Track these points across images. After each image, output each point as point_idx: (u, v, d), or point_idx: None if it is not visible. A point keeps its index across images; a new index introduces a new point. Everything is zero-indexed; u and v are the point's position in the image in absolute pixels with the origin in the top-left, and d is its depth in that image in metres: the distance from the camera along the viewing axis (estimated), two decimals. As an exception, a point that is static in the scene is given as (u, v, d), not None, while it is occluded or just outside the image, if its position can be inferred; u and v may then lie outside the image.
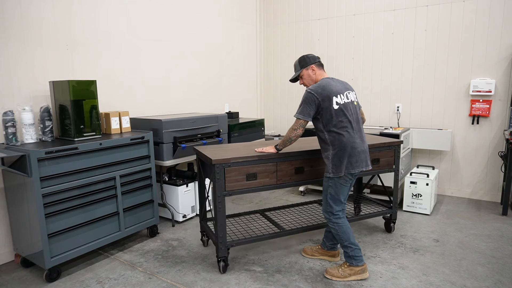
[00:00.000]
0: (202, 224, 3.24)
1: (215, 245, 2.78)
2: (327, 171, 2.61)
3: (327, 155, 2.61)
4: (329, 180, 2.62)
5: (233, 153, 2.79)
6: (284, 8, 5.68)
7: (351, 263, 2.69)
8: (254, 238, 2.90)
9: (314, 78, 2.70)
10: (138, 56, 4.01)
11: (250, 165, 2.72)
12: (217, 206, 2.66)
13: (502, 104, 4.27)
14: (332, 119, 2.53)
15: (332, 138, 2.55)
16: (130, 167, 3.19)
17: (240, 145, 3.23)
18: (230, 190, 2.69)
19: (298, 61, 2.74)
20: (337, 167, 2.55)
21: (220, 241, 2.72)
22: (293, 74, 2.81)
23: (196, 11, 4.71)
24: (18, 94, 3.03)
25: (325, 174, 2.65)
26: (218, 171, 2.61)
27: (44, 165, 2.58)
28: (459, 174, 4.64)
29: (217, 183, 2.62)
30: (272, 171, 2.81)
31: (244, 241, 2.86)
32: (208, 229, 3.07)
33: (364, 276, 2.69)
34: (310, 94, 2.54)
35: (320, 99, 2.52)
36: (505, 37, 4.15)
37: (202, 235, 3.30)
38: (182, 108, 4.64)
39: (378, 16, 4.87)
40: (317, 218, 3.51)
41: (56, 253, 2.71)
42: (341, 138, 2.53)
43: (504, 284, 2.61)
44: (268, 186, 2.83)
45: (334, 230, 2.69)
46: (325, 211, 2.71)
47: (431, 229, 3.61)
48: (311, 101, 2.53)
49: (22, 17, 3.01)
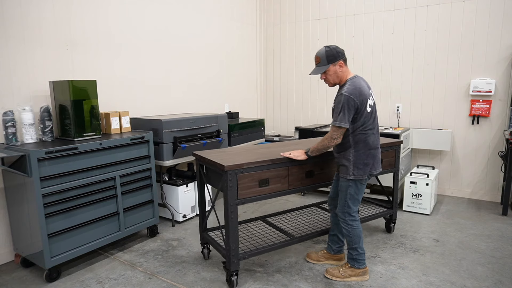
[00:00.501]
0: (204, 236, 2.98)
1: (226, 258, 2.58)
2: (348, 173, 2.52)
3: (346, 156, 2.52)
4: (349, 181, 2.54)
5: (242, 158, 2.61)
6: (284, 8, 5.68)
7: (353, 265, 2.69)
8: (267, 248, 2.73)
9: (340, 76, 2.48)
10: (138, 56, 4.01)
11: (262, 171, 2.55)
12: (229, 216, 2.45)
13: (502, 104, 4.27)
14: (363, 122, 2.45)
15: (356, 140, 2.47)
16: (130, 167, 3.19)
17: (243, 148, 3.08)
18: (243, 198, 2.49)
19: (325, 53, 2.43)
20: (359, 169, 2.50)
21: (233, 253, 2.51)
22: (316, 67, 2.50)
23: (196, 11, 4.71)
24: (18, 94, 3.03)
25: (345, 176, 2.54)
26: (231, 178, 2.41)
27: (44, 165, 2.58)
28: (459, 174, 4.64)
29: (229, 191, 2.42)
30: (284, 175, 2.67)
31: (257, 252, 2.68)
32: (213, 241, 2.86)
33: (364, 278, 2.69)
34: (350, 99, 2.36)
35: (359, 104, 2.39)
36: (505, 37, 4.15)
37: (202, 247, 3.05)
38: (182, 108, 4.64)
39: (378, 16, 4.87)
40: (323, 222, 3.49)
41: (56, 253, 2.71)
42: (367, 140, 2.48)
43: (504, 284, 2.61)
44: (280, 192, 2.68)
45: (347, 231, 2.63)
46: (341, 211, 2.63)
47: (431, 229, 3.61)
48: (351, 106, 2.37)
49: (22, 17, 3.01)
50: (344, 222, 2.64)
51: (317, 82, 5.49)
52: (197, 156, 2.86)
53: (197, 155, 2.85)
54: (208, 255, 3.07)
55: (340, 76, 2.48)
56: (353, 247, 2.66)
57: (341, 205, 2.64)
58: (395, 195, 3.49)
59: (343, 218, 2.64)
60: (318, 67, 2.48)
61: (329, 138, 2.47)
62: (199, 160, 2.85)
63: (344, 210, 2.62)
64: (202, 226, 3.02)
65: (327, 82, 2.54)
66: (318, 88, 5.52)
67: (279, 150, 2.92)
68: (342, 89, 2.45)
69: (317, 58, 2.48)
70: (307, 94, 5.64)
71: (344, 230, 2.66)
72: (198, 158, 2.83)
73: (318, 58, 2.47)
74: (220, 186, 2.54)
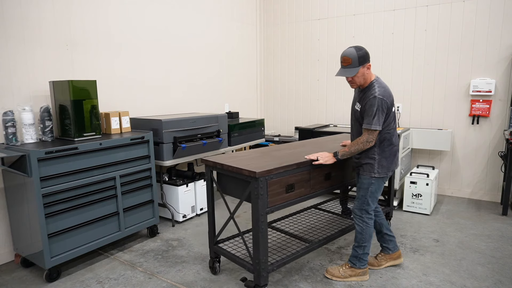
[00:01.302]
0: (216, 249, 2.74)
1: (253, 271, 2.40)
2: (372, 171, 2.54)
3: (370, 155, 2.54)
4: (372, 179, 2.56)
5: (263, 162, 2.44)
6: (284, 8, 5.68)
7: (355, 264, 2.68)
8: (291, 257, 2.60)
9: (366, 78, 2.47)
10: (138, 56, 4.01)
11: (289, 175, 2.43)
12: (260, 226, 2.28)
13: (502, 104, 4.27)
14: (389, 122, 2.50)
15: (382, 139, 2.51)
16: (130, 167, 3.19)
17: (252, 152, 2.89)
18: (272, 206, 2.34)
19: (356, 55, 2.38)
20: (383, 167, 2.54)
21: (263, 267, 2.36)
22: (345, 69, 2.43)
23: (196, 11, 4.71)
24: (18, 94, 3.03)
25: (369, 174, 2.56)
26: (262, 185, 2.25)
27: (44, 165, 2.58)
28: (459, 174, 4.64)
29: (260, 199, 2.25)
30: (307, 179, 2.57)
31: (283, 262, 2.54)
32: (229, 254, 2.65)
33: (364, 279, 2.69)
34: (384, 101, 2.39)
35: (389, 105, 2.44)
36: (505, 37, 4.15)
37: (212, 262, 2.78)
38: (182, 108, 4.64)
39: (378, 16, 4.87)
40: (328, 223, 3.50)
41: (56, 253, 2.71)
42: (391, 139, 2.54)
43: (504, 284, 2.61)
44: (304, 197, 2.57)
45: (361, 228, 2.63)
46: (359, 209, 2.62)
47: (431, 229, 3.61)
48: (385, 108, 2.40)
49: (22, 17, 3.01)
50: (360, 219, 2.63)
51: (317, 82, 5.50)
52: (209, 163, 2.59)
53: (210, 161, 2.58)
54: (219, 269, 2.82)
55: (366, 78, 2.48)
56: (361, 245, 2.65)
57: (359, 202, 2.63)
58: (391, 193, 3.53)
59: (360, 215, 2.63)
60: (349, 69, 2.42)
61: (364, 142, 2.46)
62: (213, 167, 2.59)
63: (362, 207, 2.61)
64: (213, 239, 2.77)
65: (353, 84, 2.51)
66: (318, 88, 5.52)
67: (290, 152, 2.83)
68: (372, 91, 2.43)
69: (347, 59, 2.41)
70: (307, 94, 5.64)
71: (357, 227, 2.66)
72: (212, 165, 2.57)
73: (349, 60, 2.40)
74: (246, 194, 2.35)
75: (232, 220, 2.59)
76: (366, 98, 2.44)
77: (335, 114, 5.42)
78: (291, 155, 2.70)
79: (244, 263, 2.51)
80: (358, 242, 2.66)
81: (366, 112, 2.44)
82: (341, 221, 3.59)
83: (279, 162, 2.44)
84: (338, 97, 5.34)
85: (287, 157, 2.64)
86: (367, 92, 2.47)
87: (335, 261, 2.98)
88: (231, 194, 2.55)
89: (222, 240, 2.92)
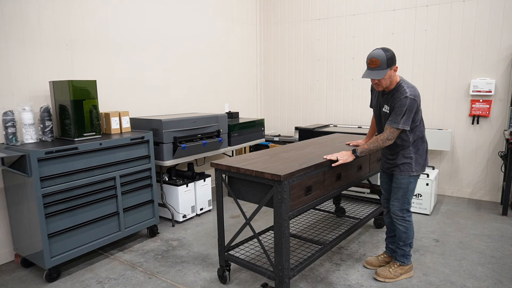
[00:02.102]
0: (228, 257, 2.62)
1: (275, 279, 2.31)
2: (411, 170, 2.56)
3: (406, 154, 2.56)
4: (410, 177, 2.57)
5: (280, 165, 2.37)
6: (284, 8, 5.68)
7: (403, 261, 2.70)
8: (308, 261, 2.53)
9: (392, 80, 2.46)
10: (138, 55, 4.01)
11: (307, 177, 2.37)
12: (283, 232, 2.20)
13: (502, 104, 4.27)
14: (419, 120, 2.52)
15: (415, 137, 2.54)
16: (130, 167, 3.19)
17: (261, 154, 2.79)
18: (293, 209, 2.28)
19: (385, 57, 2.35)
20: (419, 165, 2.58)
21: (286, 273, 2.27)
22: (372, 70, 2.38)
23: (196, 11, 4.71)
24: (18, 94, 3.03)
25: (409, 173, 2.57)
26: (286, 188, 2.17)
27: (44, 165, 2.58)
28: (459, 174, 4.64)
29: (284, 204, 2.17)
30: (322, 181, 2.52)
31: (302, 267, 2.47)
32: (244, 261, 2.54)
33: (411, 274, 2.73)
34: (414, 101, 2.40)
35: (419, 104, 2.46)
36: (505, 37, 4.15)
37: (223, 271, 2.66)
38: (182, 108, 4.64)
39: (378, 16, 4.87)
40: (329, 223, 3.51)
41: (56, 253, 2.71)
42: (423, 137, 2.59)
43: (504, 284, 2.61)
44: (320, 199, 2.51)
45: (405, 228, 2.63)
46: (400, 209, 2.62)
47: (431, 229, 3.61)
48: (414, 108, 2.41)
49: (22, 17, 3.01)
50: (402, 219, 2.63)
51: (317, 82, 5.50)
52: (222, 167, 2.47)
53: (223, 165, 2.46)
54: (230, 279, 2.71)
55: (392, 81, 2.46)
56: (408, 243, 2.67)
57: (400, 203, 2.62)
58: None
59: (402, 216, 2.62)
60: (377, 71, 2.38)
61: (384, 139, 2.47)
62: (226, 171, 2.46)
63: (403, 207, 2.62)
64: (225, 247, 2.64)
65: (378, 86, 2.48)
66: (318, 88, 5.52)
67: (299, 153, 2.76)
68: (401, 91, 2.41)
69: (375, 61, 2.36)
70: (307, 94, 5.64)
71: (400, 227, 2.64)
72: (226, 168, 2.45)
73: (378, 62, 2.35)
74: (267, 199, 2.25)
75: (249, 226, 2.47)
76: (396, 99, 2.43)
77: (335, 114, 5.42)
78: (302, 156, 2.63)
79: (263, 271, 2.40)
80: (404, 241, 2.66)
81: (394, 111, 2.43)
82: (338, 221, 3.59)
83: (298, 164, 2.37)
84: (338, 97, 5.34)
85: (300, 158, 2.57)
86: (396, 93, 2.46)
87: (335, 261, 2.98)
88: (246, 199, 2.42)
89: (232, 246, 2.79)
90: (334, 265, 2.91)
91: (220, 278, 2.69)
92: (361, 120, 5.20)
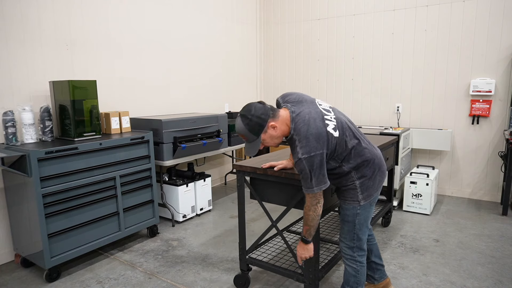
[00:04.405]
0: (250, 261, 2.54)
1: (303, 282, 2.28)
2: (355, 200, 2.02)
3: (351, 186, 2.02)
4: (357, 208, 2.03)
5: None
6: (284, 8, 5.68)
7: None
8: (331, 262, 2.51)
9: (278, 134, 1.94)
10: (138, 56, 4.01)
11: None
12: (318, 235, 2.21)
13: (502, 104, 4.27)
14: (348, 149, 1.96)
15: (354, 164, 1.98)
16: (130, 167, 3.19)
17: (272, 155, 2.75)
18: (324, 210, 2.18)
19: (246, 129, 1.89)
20: (369, 188, 2.02)
21: (316, 274, 2.25)
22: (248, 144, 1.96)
23: (196, 11, 4.71)
24: (18, 94, 3.03)
25: (352, 205, 2.03)
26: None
27: (44, 165, 2.58)
28: (459, 174, 4.64)
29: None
30: None
31: (328, 268, 2.44)
32: (266, 264, 2.48)
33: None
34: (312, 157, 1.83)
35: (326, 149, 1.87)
36: (505, 37, 4.15)
37: (245, 278, 2.58)
38: (182, 108, 4.64)
39: (378, 16, 4.87)
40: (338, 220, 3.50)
41: (56, 253, 2.71)
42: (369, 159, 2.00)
43: (504, 284, 2.61)
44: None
45: (354, 270, 2.11)
46: (349, 247, 2.10)
47: (431, 229, 3.61)
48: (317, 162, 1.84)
49: (22, 17, 3.01)
50: (351, 259, 2.11)
51: (316, 82, 5.50)
52: (247, 169, 2.38)
53: (247, 166, 2.38)
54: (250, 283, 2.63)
55: (278, 135, 1.94)
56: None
57: (348, 240, 2.09)
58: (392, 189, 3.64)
59: (351, 255, 2.10)
60: (252, 144, 1.95)
61: (309, 208, 1.93)
62: (250, 173, 2.39)
63: (352, 245, 2.09)
64: (247, 250, 2.55)
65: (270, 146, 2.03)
66: (318, 88, 5.52)
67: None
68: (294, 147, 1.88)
69: (241, 136, 1.95)
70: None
71: (349, 269, 2.13)
72: (250, 170, 2.37)
73: (243, 136, 1.94)
74: (297, 201, 2.21)
75: (275, 228, 2.40)
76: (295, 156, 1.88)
77: (335, 114, 5.41)
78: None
79: (290, 274, 2.35)
80: (351, 286, 2.14)
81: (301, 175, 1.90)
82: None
83: None
84: (337, 97, 5.34)
85: None
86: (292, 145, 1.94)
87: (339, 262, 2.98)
88: (272, 201, 2.35)
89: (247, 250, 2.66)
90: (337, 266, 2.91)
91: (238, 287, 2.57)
92: (361, 120, 5.20)
